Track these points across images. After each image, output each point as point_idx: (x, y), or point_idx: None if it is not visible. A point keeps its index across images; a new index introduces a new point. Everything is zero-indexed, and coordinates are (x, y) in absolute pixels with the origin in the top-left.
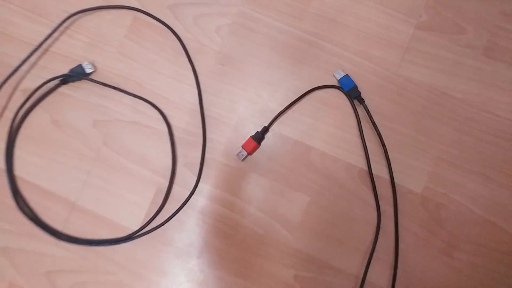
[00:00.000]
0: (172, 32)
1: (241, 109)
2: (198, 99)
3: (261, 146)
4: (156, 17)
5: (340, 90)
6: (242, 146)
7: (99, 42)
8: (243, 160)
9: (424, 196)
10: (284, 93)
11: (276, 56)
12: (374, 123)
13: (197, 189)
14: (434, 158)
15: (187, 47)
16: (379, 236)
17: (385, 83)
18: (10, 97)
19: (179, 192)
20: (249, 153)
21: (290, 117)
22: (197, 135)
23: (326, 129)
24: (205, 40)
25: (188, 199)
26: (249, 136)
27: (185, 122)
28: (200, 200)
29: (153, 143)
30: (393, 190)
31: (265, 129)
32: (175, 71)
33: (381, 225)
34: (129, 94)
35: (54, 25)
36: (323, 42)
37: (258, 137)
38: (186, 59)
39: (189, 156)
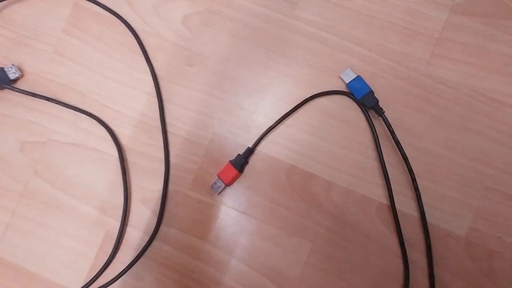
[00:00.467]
0: (124, 23)
1: (216, 124)
2: (159, 112)
3: (243, 174)
4: (104, 5)
5: (350, 98)
6: (218, 175)
7: (28, 38)
8: (219, 193)
9: (470, 240)
10: (275, 102)
11: (263, 53)
12: (397, 142)
13: (158, 233)
14: (482, 188)
15: (144, 43)
16: None
17: (410, 87)
18: None
19: (135, 237)
20: (228, 184)
21: (282, 135)
22: (158, 160)
23: (331, 149)
24: (168, 34)
25: (147, 247)
26: (227, 161)
27: (141, 142)
28: (162, 247)
29: (100, 172)
30: (425, 233)
31: (249, 151)
32: (129, 75)
33: (410, 281)
34: (68, 107)
35: None
36: (325, 34)
37: (240, 163)
38: (143, 59)
39: (147, 188)
